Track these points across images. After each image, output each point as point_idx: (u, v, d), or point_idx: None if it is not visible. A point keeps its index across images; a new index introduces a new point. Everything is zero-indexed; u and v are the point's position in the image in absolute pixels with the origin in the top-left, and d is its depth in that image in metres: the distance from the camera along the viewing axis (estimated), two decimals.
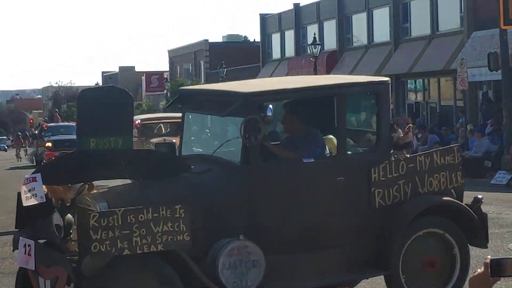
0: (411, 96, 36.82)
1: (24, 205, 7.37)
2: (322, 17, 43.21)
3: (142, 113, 44.36)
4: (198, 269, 6.88)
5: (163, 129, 24.71)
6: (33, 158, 37.06)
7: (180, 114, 10.56)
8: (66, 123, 42.23)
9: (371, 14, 39.00)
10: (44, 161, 28.17)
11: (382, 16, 37.99)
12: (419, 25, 35.36)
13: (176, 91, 50.89)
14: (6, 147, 63.00)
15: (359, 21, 40.36)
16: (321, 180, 7.71)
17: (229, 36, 62.98)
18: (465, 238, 8.07)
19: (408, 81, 36.21)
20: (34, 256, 7.37)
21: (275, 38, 49.97)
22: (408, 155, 8.71)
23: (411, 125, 10.70)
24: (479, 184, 22.44)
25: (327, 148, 8.11)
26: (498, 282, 3.49)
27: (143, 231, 6.70)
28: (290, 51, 47.16)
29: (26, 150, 46.85)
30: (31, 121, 78.02)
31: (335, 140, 8.19)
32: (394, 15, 36.38)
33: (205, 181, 7.68)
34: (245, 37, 63.21)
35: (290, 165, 7.90)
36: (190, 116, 9.12)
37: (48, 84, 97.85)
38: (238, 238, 6.93)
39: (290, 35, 47.09)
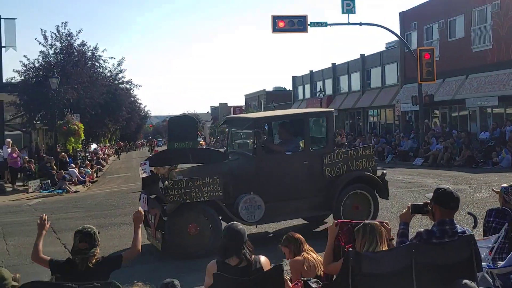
0: (371, 118, 52.87)
1: (141, 177, 12.28)
2: (325, 76, 62.59)
3: None
4: (227, 210, 11.15)
5: (242, 135, 29.58)
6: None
7: None
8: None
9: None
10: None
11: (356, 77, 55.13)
12: (376, 81, 50.66)
13: None
14: (161, 145, 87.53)
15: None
16: (295, 163, 12.02)
17: (276, 87, 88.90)
18: (376, 194, 12.40)
19: (369, 110, 52.34)
20: (147, 203, 11.49)
21: (300, 88, 71.41)
22: (344, 149, 12.70)
23: (344, 133, 14.77)
24: (406, 165, 30.34)
25: (301, 146, 12.41)
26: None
27: (197, 190, 10.71)
28: (307, 95, 67.89)
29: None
30: None
31: (303, 142, 12.42)
32: (362, 76, 53.07)
33: (234, 164, 12.14)
34: (284, 88, 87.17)
35: (279, 155, 12.26)
36: (231, 131, 14.06)
37: (183, 112, 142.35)
38: (250, 194, 11.21)
39: (308, 87, 68.13)
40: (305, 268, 6.28)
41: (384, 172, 12.89)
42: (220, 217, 11.19)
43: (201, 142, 52.01)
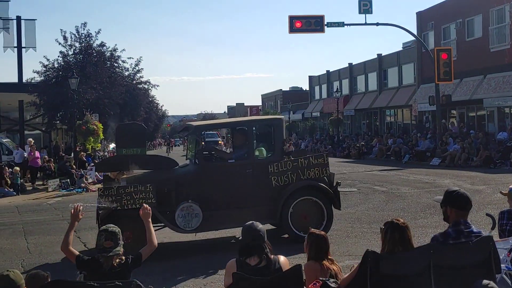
0: (388, 118, 53.08)
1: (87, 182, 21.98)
2: (342, 76, 62.80)
3: None
4: (162, 217, 11.18)
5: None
6: None
7: None
8: (210, 132, 65.09)
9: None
10: None
11: (373, 77, 55.33)
12: (393, 80, 51.01)
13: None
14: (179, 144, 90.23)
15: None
16: (238, 171, 11.77)
17: (292, 87, 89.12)
18: (329, 203, 12.01)
19: (386, 110, 52.40)
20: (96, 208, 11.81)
21: (317, 88, 71.72)
22: (292, 158, 11.99)
23: (291, 141, 12.67)
24: (424, 166, 30.10)
25: (255, 153, 12.25)
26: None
27: (128, 197, 10.94)
28: (324, 95, 68.19)
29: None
30: None
31: (263, 150, 12.34)
32: (379, 76, 53.51)
33: (179, 171, 12.11)
34: (301, 88, 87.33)
35: (221, 163, 12.28)
36: (188, 138, 13.77)
37: (200, 112, 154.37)
38: (188, 201, 11.27)
39: (324, 87, 68.28)
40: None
41: (339, 182, 12.45)
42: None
43: (219, 142, 52.27)
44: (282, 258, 5.53)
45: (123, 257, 5.69)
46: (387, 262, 5.19)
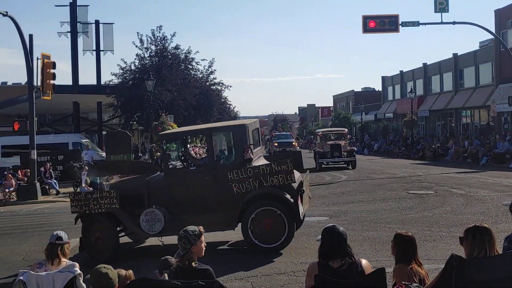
0: (464, 119, 51.77)
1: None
2: (416, 76, 61.96)
3: (319, 128, 67.61)
4: (128, 221, 11.88)
5: (331, 136, 35.64)
6: (267, 151, 55.72)
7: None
8: (284, 133, 68.57)
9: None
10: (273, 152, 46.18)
11: (448, 77, 54.43)
12: (469, 80, 50.03)
13: (337, 117, 76.68)
14: None
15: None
16: (198, 178, 11.98)
17: (364, 87, 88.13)
18: (290, 212, 11.39)
19: (462, 111, 51.32)
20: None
21: (390, 88, 70.80)
22: (254, 165, 11.75)
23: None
24: (503, 168, 29.72)
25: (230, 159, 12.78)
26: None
27: (95, 202, 11.71)
28: (397, 95, 67.27)
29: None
30: (262, 132, 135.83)
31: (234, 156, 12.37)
32: (455, 76, 52.43)
33: (153, 178, 12.44)
34: (373, 89, 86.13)
35: (183, 170, 12.69)
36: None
37: (271, 113, 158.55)
38: (152, 207, 11.74)
39: (398, 87, 67.34)
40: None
41: (303, 189, 11.77)
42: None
43: (293, 144, 52.55)
44: (364, 261, 5.48)
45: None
46: (473, 267, 5.04)
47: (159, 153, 13.56)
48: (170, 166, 12.92)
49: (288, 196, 11.46)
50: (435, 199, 18.19)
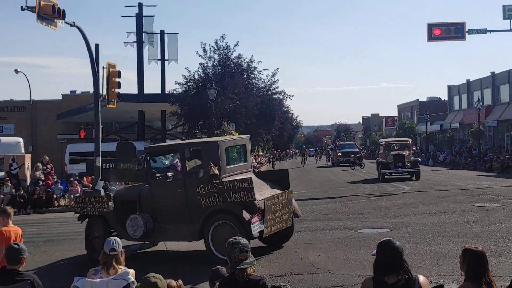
0: None
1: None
2: (484, 86, 60.93)
3: (383, 138, 67.06)
4: (114, 223, 13.27)
5: (395, 146, 35.37)
6: (331, 160, 58.92)
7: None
8: (348, 142, 67.65)
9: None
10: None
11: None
12: None
13: (401, 127, 75.98)
14: (312, 155, 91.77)
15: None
16: (172, 190, 12.91)
17: (430, 97, 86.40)
18: (245, 227, 11.61)
19: None
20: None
21: (456, 98, 69.15)
22: (218, 180, 12.13)
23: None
24: None
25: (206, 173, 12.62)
26: None
27: (91, 205, 13.50)
28: (464, 105, 65.67)
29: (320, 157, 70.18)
30: (325, 141, 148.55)
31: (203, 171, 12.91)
32: None
33: (145, 187, 13.48)
34: (439, 98, 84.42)
35: (161, 182, 13.58)
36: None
37: (334, 122, 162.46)
38: (135, 214, 12.91)
39: (464, 97, 65.86)
40: None
41: (259, 207, 11.94)
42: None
43: (358, 154, 52.32)
44: (422, 278, 5.24)
45: (254, 270, 5.67)
46: None
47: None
48: (159, 176, 13.84)
49: (244, 213, 11.81)
50: (502, 213, 17.53)
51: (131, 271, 6.65)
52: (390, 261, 5.13)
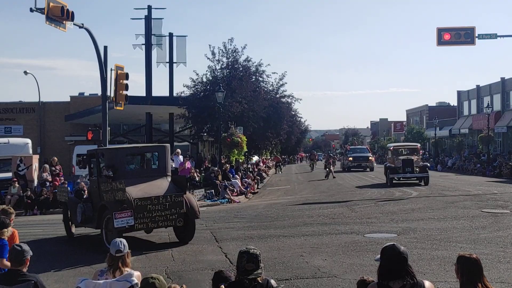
0: None
1: None
2: (493, 91, 60.94)
3: (391, 142, 67.49)
4: (69, 210, 16.82)
5: (403, 151, 34.92)
6: (341, 166, 56.19)
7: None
8: (360, 147, 67.11)
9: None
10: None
11: None
12: None
13: (410, 132, 75.64)
14: (321, 159, 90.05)
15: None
16: (95, 186, 15.88)
17: (439, 102, 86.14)
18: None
19: None
20: None
21: (466, 103, 68.93)
22: (111, 181, 14.82)
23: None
24: None
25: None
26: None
27: (64, 194, 17.66)
28: (473, 111, 65.59)
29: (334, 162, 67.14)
30: (333, 146, 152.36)
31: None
32: None
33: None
34: (448, 103, 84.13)
35: (91, 178, 16.69)
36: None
37: (342, 127, 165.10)
38: (80, 203, 16.08)
39: (474, 102, 65.86)
40: None
41: (124, 205, 14.01)
42: None
43: (370, 158, 51.57)
44: (427, 283, 5.16)
45: (264, 279, 5.63)
46: None
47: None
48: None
49: (112, 209, 14.05)
50: (510, 219, 17.36)
51: (137, 273, 6.66)
52: (395, 266, 5.06)
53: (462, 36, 31.07)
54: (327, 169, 41.43)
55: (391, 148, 36.14)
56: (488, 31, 31.76)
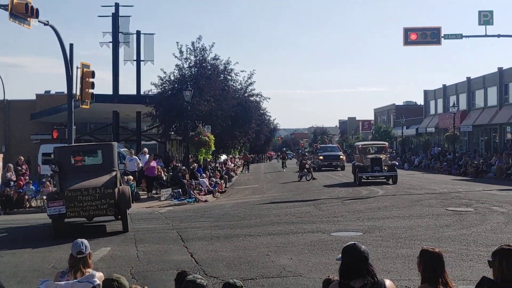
0: (509, 135, 50.98)
1: None
2: (459, 91, 61.41)
3: (359, 141, 67.42)
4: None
5: (371, 150, 35.00)
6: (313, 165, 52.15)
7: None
8: (331, 145, 66.81)
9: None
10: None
11: (492, 91, 54.69)
12: None
13: (377, 131, 76.19)
14: (291, 158, 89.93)
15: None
16: (55, 178, 18.87)
17: (406, 101, 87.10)
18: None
19: (507, 126, 50.50)
20: None
21: (432, 102, 69.83)
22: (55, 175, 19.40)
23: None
24: None
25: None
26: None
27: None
28: (440, 110, 66.33)
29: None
30: (302, 144, 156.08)
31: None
32: (500, 90, 51.74)
33: None
34: (415, 102, 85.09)
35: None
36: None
37: (311, 125, 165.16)
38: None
39: (440, 101, 66.62)
40: None
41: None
42: None
43: (341, 157, 51.15)
44: (388, 282, 5.17)
45: None
46: None
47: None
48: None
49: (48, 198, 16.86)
50: (474, 217, 17.53)
51: (99, 274, 6.58)
52: (356, 266, 5.06)
53: (429, 36, 31.45)
54: (305, 170, 38.17)
55: (359, 146, 36.11)
56: (455, 32, 32.10)
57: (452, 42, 31.54)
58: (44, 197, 25.01)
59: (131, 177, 27.25)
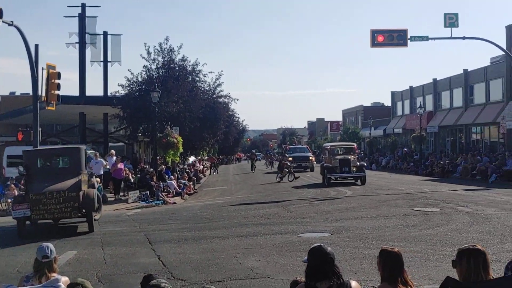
0: (474, 136, 51.75)
1: None
2: (426, 92, 62.23)
3: (328, 142, 68.46)
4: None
5: (340, 151, 35.10)
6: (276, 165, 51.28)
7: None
8: (300, 146, 66.66)
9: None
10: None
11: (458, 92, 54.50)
12: (479, 97, 50.10)
13: (346, 132, 76.72)
14: (260, 159, 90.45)
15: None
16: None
17: (374, 102, 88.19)
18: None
19: (472, 127, 51.18)
20: None
21: (399, 104, 70.73)
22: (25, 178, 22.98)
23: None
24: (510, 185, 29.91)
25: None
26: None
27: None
28: (407, 111, 67.12)
29: (272, 162, 62.39)
30: (271, 145, 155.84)
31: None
32: (465, 91, 52.48)
33: None
34: (382, 104, 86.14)
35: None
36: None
37: (280, 127, 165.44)
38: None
39: (407, 102, 67.47)
40: None
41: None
42: None
43: (310, 158, 50.91)
44: (354, 283, 5.18)
45: None
46: None
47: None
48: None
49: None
50: (440, 217, 17.74)
51: (64, 278, 6.49)
52: (322, 267, 5.05)
53: (395, 38, 31.76)
54: (285, 170, 37.42)
55: (328, 147, 36.18)
56: (421, 34, 32.42)
57: (418, 44, 31.89)
58: (9, 200, 24.59)
59: (98, 179, 26.77)
